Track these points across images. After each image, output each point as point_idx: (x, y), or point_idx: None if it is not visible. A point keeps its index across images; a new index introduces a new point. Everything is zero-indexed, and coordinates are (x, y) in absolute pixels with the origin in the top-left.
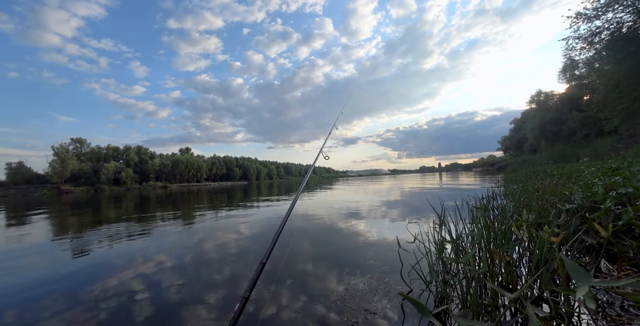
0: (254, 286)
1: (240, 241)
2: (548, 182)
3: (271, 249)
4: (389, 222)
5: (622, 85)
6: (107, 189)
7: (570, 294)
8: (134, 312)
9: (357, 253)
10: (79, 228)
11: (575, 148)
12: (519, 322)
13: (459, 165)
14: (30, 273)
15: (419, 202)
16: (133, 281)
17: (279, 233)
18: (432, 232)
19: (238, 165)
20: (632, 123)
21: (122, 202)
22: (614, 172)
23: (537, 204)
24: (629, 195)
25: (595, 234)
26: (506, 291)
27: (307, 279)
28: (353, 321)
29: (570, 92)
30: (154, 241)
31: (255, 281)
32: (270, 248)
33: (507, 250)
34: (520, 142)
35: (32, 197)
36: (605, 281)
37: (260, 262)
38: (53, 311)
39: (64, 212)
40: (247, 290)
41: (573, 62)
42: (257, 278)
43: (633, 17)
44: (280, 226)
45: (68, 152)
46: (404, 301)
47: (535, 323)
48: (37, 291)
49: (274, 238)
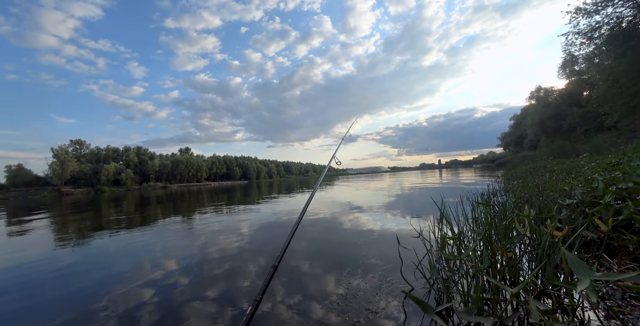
0: (266, 289)
1: (246, 242)
2: (548, 177)
3: (283, 252)
4: (390, 219)
5: (622, 80)
6: (107, 190)
7: (572, 288)
8: (143, 315)
9: (358, 251)
10: (84, 231)
11: (575, 144)
12: (521, 317)
13: (459, 162)
14: (34, 281)
15: (419, 199)
16: (142, 284)
17: (291, 237)
18: (434, 228)
19: (238, 164)
20: (632, 118)
21: (124, 203)
22: (614, 167)
23: (537, 200)
24: (629, 190)
25: (596, 229)
26: (508, 287)
27: (308, 278)
28: (355, 320)
29: (570, 87)
30: (159, 242)
31: (268, 284)
32: (282, 251)
33: (509, 245)
34: (520, 138)
35: (32, 199)
36: (607, 275)
37: (272, 265)
38: (59, 316)
39: (65, 214)
40: (259, 293)
41: (573, 57)
42: (269, 281)
43: (633, 11)
44: (292, 230)
45: (68, 153)
46: (405, 299)
47: (537, 317)
48: (41, 298)
49: (286, 241)
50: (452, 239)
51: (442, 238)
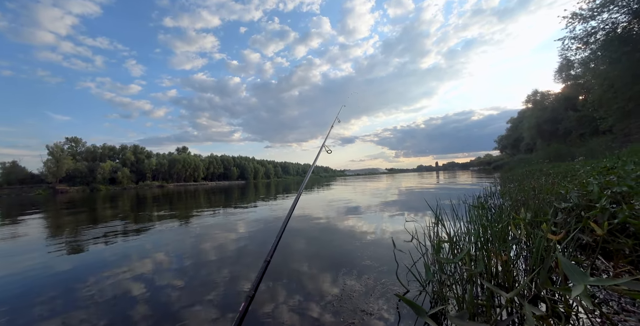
0: (259, 284)
1: (241, 240)
2: (544, 180)
3: (275, 246)
4: (386, 221)
5: (616, 85)
6: (103, 189)
7: (567, 293)
8: (136, 313)
9: (354, 253)
10: (76, 229)
11: (570, 148)
12: (515, 322)
13: (456, 164)
14: (24, 278)
15: (416, 201)
16: (135, 282)
17: (283, 230)
18: (429, 231)
19: (235, 164)
20: (627, 123)
21: (119, 202)
22: (608, 171)
23: (533, 203)
24: (623, 194)
25: (591, 232)
26: (503, 291)
27: (304, 279)
28: (349, 321)
29: (566, 91)
30: (153, 241)
31: (260, 280)
32: (274, 246)
33: (504, 248)
34: (517, 141)
35: (26, 197)
36: (601, 280)
37: (264, 260)
38: (50, 313)
39: (59, 213)
40: (251, 288)
41: (569, 62)
42: (262, 276)
43: (628, 17)
44: (284, 223)
45: (63, 151)
46: (399, 302)
47: (531, 322)
48: (31, 294)
49: (277, 235)
50: (448, 242)
51: (438, 241)
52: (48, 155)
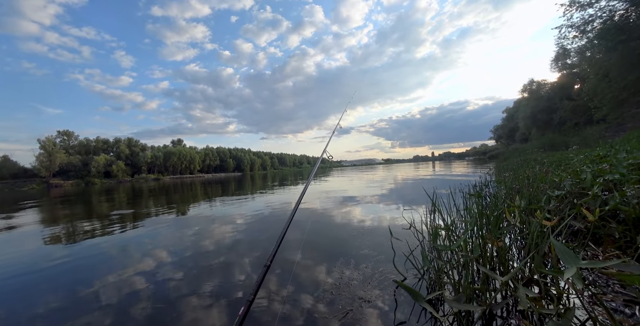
0: (258, 289)
1: (239, 237)
2: (538, 169)
3: (275, 251)
4: (383, 210)
5: (611, 74)
6: (97, 182)
7: (559, 275)
8: (135, 315)
9: (351, 242)
10: (72, 224)
11: (565, 137)
12: (509, 304)
13: (452, 154)
14: (20, 274)
15: (413, 190)
16: (133, 282)
17: (283, 236)
18: (426, 219)
19: (231, 156)
20: (620, 112)
21: (115, 195)
22: (601, 159)
23: (528, 191)
24: (615, 182)
25: (583, 219)
26: (498, 275)
27: (302, 267)
28: (348, 309)
29: (561, 80)
30: (150, 237)
31: (260, 284)
32: (274, 250)
33: (499, 235)
34: (512, 131)
35: (19, 191)
36: (592, 263)
37: (264, 265)
38: (50, 311)
39: (54, 207)
40: (251, 293)
41: (565, 50)
42: (261, 282)
43: (625, 5)
44: (284, 228)
45: (55, 145)
46: (397, 289)
47: (525, 304)
48: (30, 293)
49: (277, 240)
50: (444, 230)
51: (435, 229)
52: (40, 149)
